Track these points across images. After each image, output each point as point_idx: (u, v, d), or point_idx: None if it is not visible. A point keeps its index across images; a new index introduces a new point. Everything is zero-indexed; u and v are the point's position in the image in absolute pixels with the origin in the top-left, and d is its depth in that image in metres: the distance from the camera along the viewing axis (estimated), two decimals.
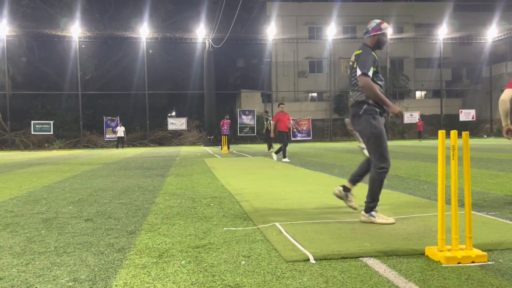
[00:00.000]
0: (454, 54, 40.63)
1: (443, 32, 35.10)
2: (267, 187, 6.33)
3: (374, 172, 3.73)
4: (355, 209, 4.04)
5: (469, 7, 42.19)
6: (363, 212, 3.78)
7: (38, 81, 34.54)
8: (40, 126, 30.34)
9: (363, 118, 3.71)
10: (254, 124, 32.34)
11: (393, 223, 3.67)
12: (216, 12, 28.09)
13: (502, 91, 4.35)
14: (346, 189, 4.06)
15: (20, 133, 30.94)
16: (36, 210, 4.84)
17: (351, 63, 3.83)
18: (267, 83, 37.79)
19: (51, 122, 30.59)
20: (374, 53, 3.78)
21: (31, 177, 8.99)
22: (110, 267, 2.71)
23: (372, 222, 3.69)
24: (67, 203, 5.32)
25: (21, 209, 4.97)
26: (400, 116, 3.72)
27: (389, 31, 4.01)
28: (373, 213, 3.72)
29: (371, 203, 3.73)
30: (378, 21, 3.91)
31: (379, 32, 3.85)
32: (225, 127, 20.25)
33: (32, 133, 30.32)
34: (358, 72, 3.64)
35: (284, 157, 12.11)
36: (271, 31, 32.99)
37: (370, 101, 3.70)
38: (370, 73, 3.63)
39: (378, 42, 3.86)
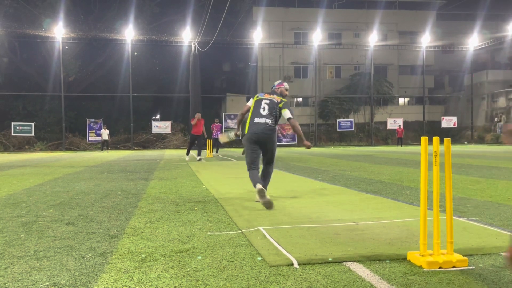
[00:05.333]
0: (436, 62, 41.37)
1: (426, 40, 35.72)
2: (252, 192, 6.31)
3: (271, 168, 5.46)
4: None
5: (451, 16, 43.07)
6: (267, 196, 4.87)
7: (20, 82, 33.89)
8: (20, 127, 29.72)
9: (275, 138, 5.34)
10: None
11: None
12: (203, 16, 28.05)
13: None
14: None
15: (0, 135, 30.29)
16: (16, 214, 4.74)
17: (276, 100, 5.30)
18: (253, 87, 37.85)
19: (32, 123, 30.01)
20: None
21: (11, 179, 8.81)
22: (91, 272, 2.66)
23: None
24: (47, 206, 5.23)
25: (0, 212, 4.86)
26: (309, 148, 5.43)
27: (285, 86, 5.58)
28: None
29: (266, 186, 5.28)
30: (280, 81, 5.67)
31: (281, 87, 5.54)
32: (215, 131, 20.23)
33: (12, 134, 29.69)
34: (289, 115, 5.25)
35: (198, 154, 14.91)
36: (257, 36, 33.09)
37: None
38: None
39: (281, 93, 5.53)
